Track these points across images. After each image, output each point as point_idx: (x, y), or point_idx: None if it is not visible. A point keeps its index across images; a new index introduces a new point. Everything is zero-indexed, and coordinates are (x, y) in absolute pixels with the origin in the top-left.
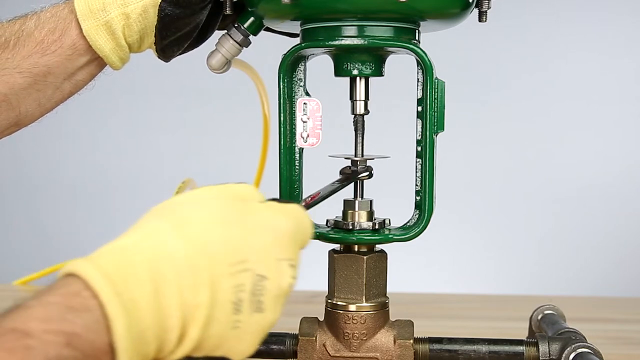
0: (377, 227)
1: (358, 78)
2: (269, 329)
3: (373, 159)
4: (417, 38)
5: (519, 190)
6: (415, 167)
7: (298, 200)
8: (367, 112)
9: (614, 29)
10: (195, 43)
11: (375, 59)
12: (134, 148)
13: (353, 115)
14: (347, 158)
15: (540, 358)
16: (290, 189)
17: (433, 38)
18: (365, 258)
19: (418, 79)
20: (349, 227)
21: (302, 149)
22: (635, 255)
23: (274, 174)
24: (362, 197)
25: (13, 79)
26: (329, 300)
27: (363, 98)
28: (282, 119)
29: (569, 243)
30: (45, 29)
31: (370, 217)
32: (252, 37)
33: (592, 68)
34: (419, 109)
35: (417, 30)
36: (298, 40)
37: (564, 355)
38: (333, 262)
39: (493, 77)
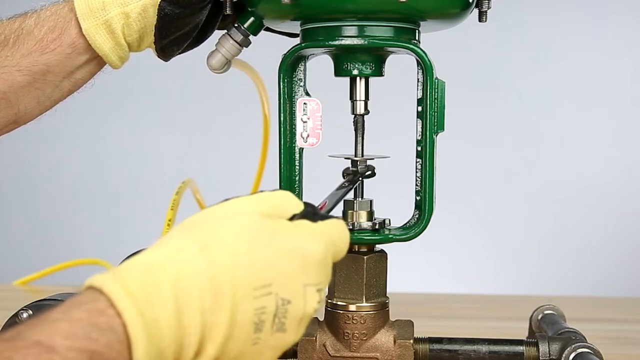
0: (377, 227)
1: (358, 78)
2: (290, 346)
3: (373, 159)
4: (417, 38)
5: (519, 191)
6: (415, 167)
7: None
8: (367, 112)
9: (614, 29)
10: (195, 43)
11: (376, 59)
12: (134, 148)
13: (353, 115)
14: (347, 158)
15: (540, 358)
16: (290, 189)
17: (433, 38)
18: (365, 258)
19: (418, 79)
20: (349, 227)
21: (302, 149)
22: (635, 255)
23: (274, 174)
24: (362, 197)
25: (12, 77)
26: (329, 300)
27: (363, 98)
28: (282, 119)
29: (569, 243)
30: (45, 27)
31: (370, 217)
32: (252, 37)
33: (592, 68)
34: (419, 109)
35: (417, 31)
36: (298, 40)
37: (564, 355)
38: None
39: (493, 77)
